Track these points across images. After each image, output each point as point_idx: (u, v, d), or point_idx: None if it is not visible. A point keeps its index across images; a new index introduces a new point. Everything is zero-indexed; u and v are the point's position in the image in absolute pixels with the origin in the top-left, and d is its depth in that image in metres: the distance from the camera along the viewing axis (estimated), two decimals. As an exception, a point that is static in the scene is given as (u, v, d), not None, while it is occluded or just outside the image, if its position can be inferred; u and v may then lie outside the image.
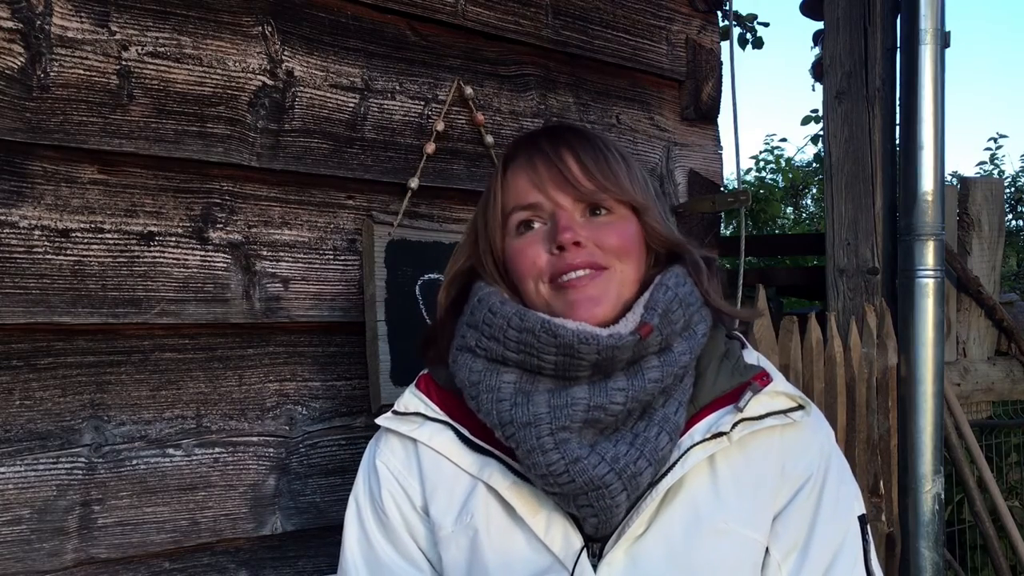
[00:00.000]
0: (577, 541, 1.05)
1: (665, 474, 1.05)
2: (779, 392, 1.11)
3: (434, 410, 1.16)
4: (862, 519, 1.13)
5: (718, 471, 1.08)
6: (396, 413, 1.18)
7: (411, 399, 1.18)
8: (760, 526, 1.07)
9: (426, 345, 1.23)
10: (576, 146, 1.12)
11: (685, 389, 1.09)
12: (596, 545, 1.05)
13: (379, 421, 1.19)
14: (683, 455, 1.06)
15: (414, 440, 1.16)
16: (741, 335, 1.21)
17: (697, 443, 1.06)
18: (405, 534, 1.15)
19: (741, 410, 1.07)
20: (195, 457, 1.47)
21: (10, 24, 1.30)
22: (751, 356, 1.17)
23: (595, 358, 1.03)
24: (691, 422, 1.09)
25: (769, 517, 1.09)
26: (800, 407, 1.11)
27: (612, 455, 1.02)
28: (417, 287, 1.68)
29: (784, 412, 1.10)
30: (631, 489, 1.02)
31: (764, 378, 1.11)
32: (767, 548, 1.08)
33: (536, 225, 1.12)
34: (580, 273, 1.09)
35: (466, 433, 1.13)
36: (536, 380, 1.07)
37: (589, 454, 1.02)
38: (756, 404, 1.08)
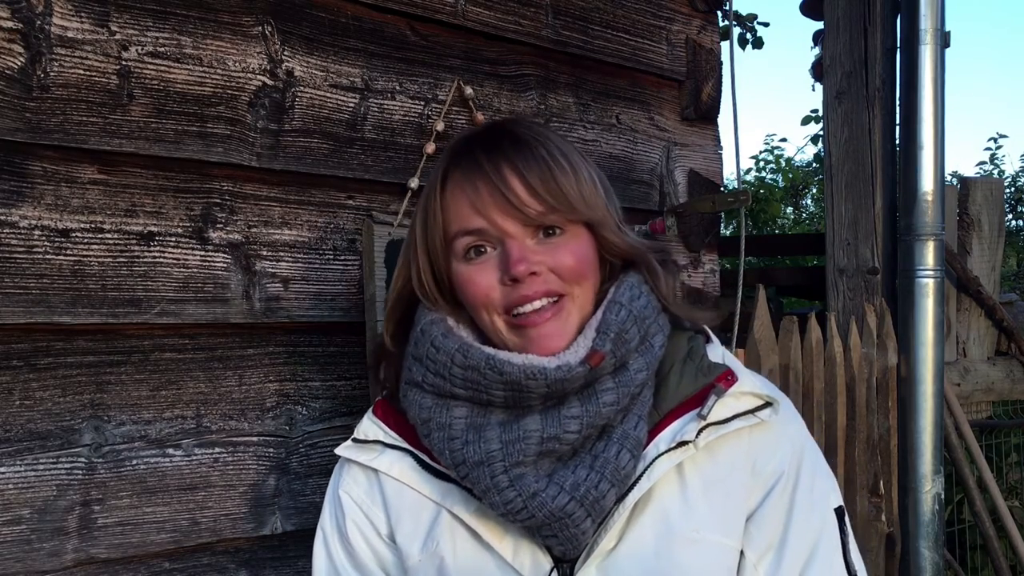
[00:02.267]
0: (547, 563, 1.03)
1: (632, 488, 1.02)
2: (745, 392, 1.07)
3: (393, 437, 1.13)
4: (839, 511, 1.10)
5: (687, 479, 1.05)
6: (356, 440, 1.15)
7: (369, 426, 1.15)
8: (732, 531, 1.05)
9: (375, 371, 1.20)
10: (518, 161, 1.04)
11: (644, 402, 1.05)
12: (566, 565, 1.03)
13: (339, 451, 1.16)
14: (649, 466, 1.03)
15: (375, 469, 1.13)
16: (706, 328, 1.16)
17: (663, 453, 1.03)
18: (373, 564, 1.14)
19: (705, 417, 1.03)
20: (195, 457, 1.47)
21: (10, 24, 1.30)
22: (716, 352, 1.12)
23: (544, 391, 1.00)
24: (655, 431, 1.05)
25: (742, 521, 1.06)
26: (768, 404, 1.07)
27: (571, 483, 0.99)
28: (417, 287, 1.68)
29: (751, 412, 1.06)
30: (595, 514, 1.00)
31: (729, 377, 1.07)
32: (742, 551, 1.05)
33: (486, 249, 1.06)
34: (537, 304, 1.04)
35: (427, 459, 1.10)
36: (488, 412, 1.04)
37: (547, 486, 0.99)
38: (721, 407, 1.05)
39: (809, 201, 10.74)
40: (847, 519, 1.12)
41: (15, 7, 1.30)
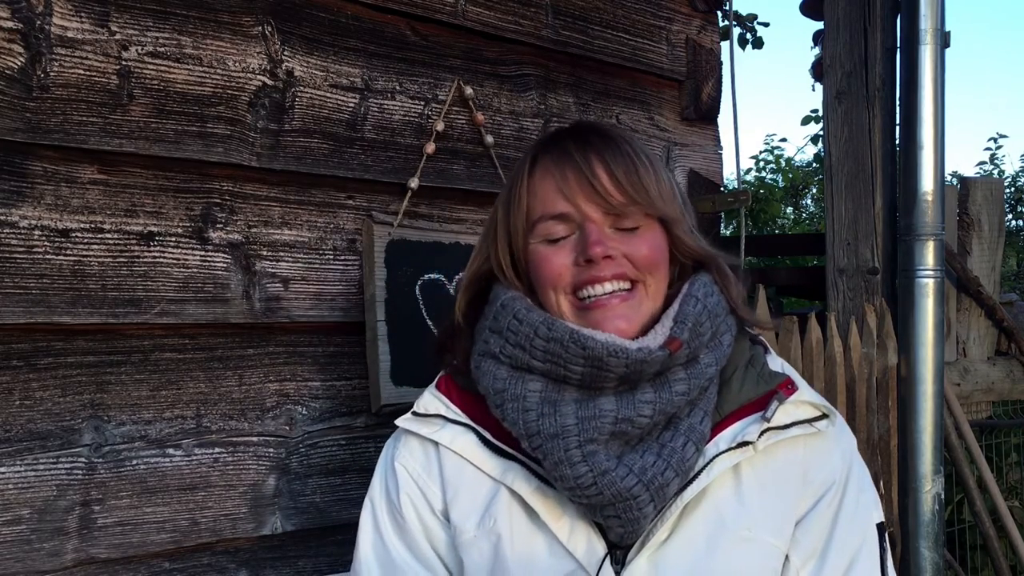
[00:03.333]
0: (600, 548, 1.05)
1: (690, 483, 1.04)
2: (804, 401, 1.10)
3: (456, 412, 1.14)
4: (880, 526, 1.13)
5: (743, 479, 1.07)
6: (416, 414, 1.16)
7: (431, 400, 1.16)
8: (782, 533, 1.07)
9: (441, 349, 1.21)
10: (605, 153, 1.09)
11: (710, 398, 1.08)
12: (619, 552, 1.05)
13: (399, 422, 1.17)
14: (708, 464, 1.05)
15: (435, 442, 1.14)
16: (765, 341, 1.21)
17: (722, 452, 1.06)
18: (422, 537, 1.14)
19: (768, 420, 1.06)
20: (195, 457, 1.47)
21: (10, 24, 1.30)
22: (775, 363, 1.16)
23: (623, 371, 1.02)
24: (716, 430, 1.08)
25: (791, 524, 1.08)
26: (824, 416, 1.11)
27: (640, 466, 1.01)
28: (417, 287, 1.68)
29: (809, 421, 1.10)
30: (659, 500, 1.02)
31: (790, 386, 1.10)
32: (787, 555, 1.08)
33: (565, 235, 1.10)
34: (609, 288, 1.07)
35: (489, 436, 1.12)
36: (562, 389, 1.05)
37: (617, 466, 1.01)
38: (782, 413, 1.08)
39: (809, 201, 10.74)
40: (887, 535, 1.15)
41: (15, 7, 1.30)
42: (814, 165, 10.13)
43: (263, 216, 1.55)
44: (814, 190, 10.29)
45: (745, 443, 1.06)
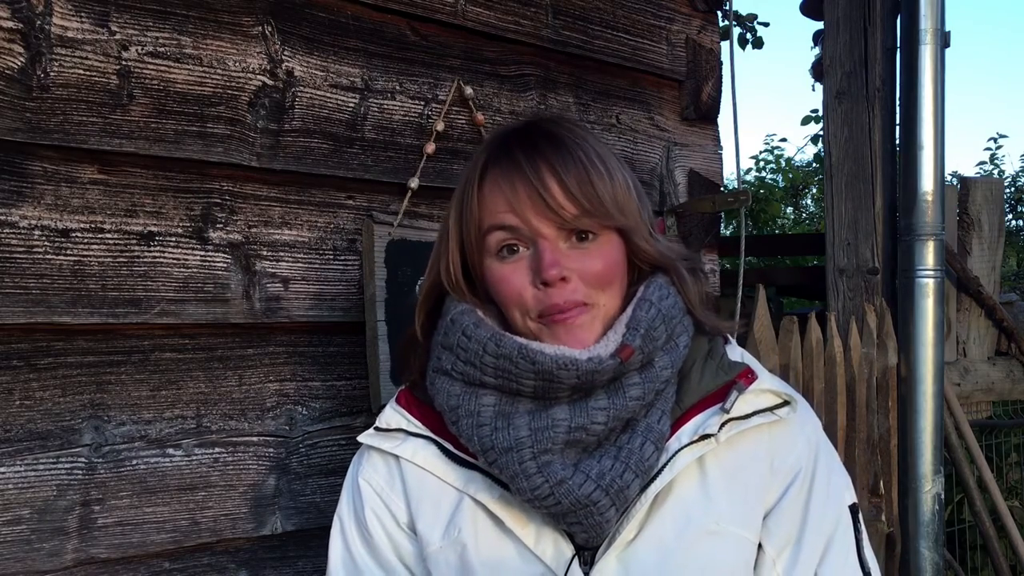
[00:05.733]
0: (568, 550, 1.05)
1: (654, 479, 1.04)
2: (764, 390, 1.10)
3: (416, 425, 1.14)
4: (853, 508, 1.13)
5: (707, 472, 1.07)
6: (378, 429, 1.16)
7: (392, 415, 1.16)
8: (751, 524, 1.07)
9: (403, 365, 1.21)
10: (556, 163, 1.05)
11: (668, 398, 1.08)
12: (587, 553, 1.05)
13: (361, 439, 1.17)
14: (671, 459, 1.05)
15: (397, 456, 1.14)
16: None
17: (684, 446, 1.05)
18: (390, 552, 1.14)
19: (727, 411, 1.06)
20: (195, 457, 1.47)
21: (10, 24, 1.30)
22: (735, 352, 1.15)
23: (575, 382, 1.02)
24: (677, 424, 1.08)
25: (760, 515, 1.08)
26: (786, 403, 1.10)
27: (597, 472, 1.01)
28: (417, 287, 1.68)
29: (770, 409, 1.09)
30: (619, 503, 1.01)
31: (749, 375, 1.09)
32: (760, 545, 1.07)
33: (518, 249, 1.07)
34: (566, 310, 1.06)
35: (450, 447, 1.11)
36: (516, 401, 1.05)
37: (573, 474, 1.00)
38: (742, 403, 1.07)
39: (809, 201, 10.75)
40: (861, 517, 1.14)
41: (15, 7, 1.30)
42: (814, 165, 10.13)
43: (263, 216, 1.55)
44: (814, 190, 10.29)
45: (707, 436, 1.06)
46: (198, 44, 1.47)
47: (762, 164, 9.90)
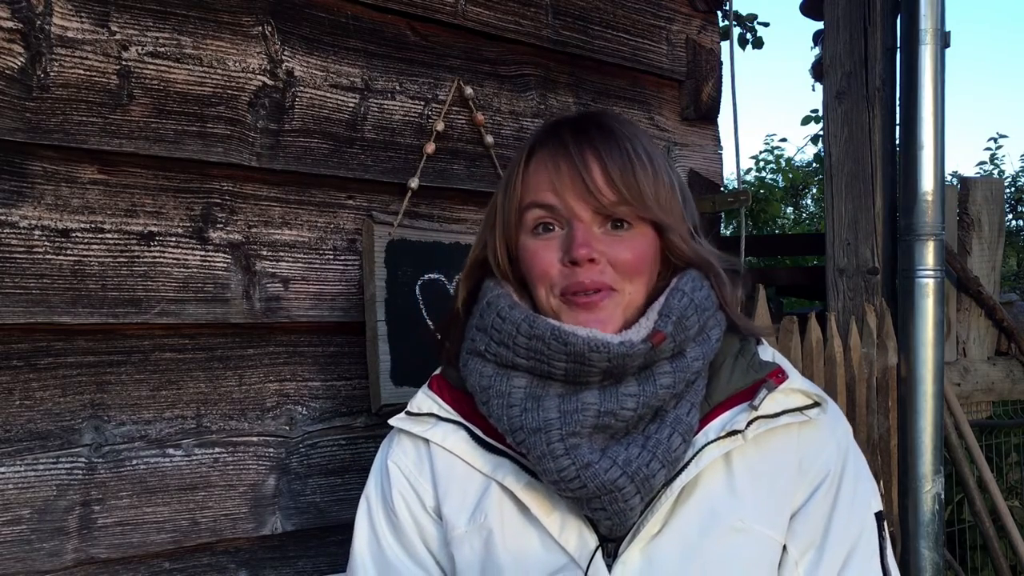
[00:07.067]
0: (592, 541, 1.05)
1: (679, 472, 1.04)
2: (795, 389, 1.10)
3: (447, 410, 1.15)
4: (879, 515, 1.13)
5: (734, 469, 1.07)
6: (409, 414, 1.17)
7: (424, 400, 1.17)
8: (777, 524, 1.07)
9: (441, 343, 1.22)
10: (602, 149, 1.07)
11: (697, 391, 1.08)
12: (611, 544, 1.05)
13: (392, 422, 1.18)
14: (697, 453, 1.05)
15: (426, 440, 1.15)
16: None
17: (712, 441, 1.06)
18: (415, 536, 1.15)
19: (756, 408, 1.06)
20: (195, 457, 1.47)
21: (10, 24, 1.30)
22: (766, 353, 1.16)
23: (606, 365, 1.02)
24: (706, 420, 1.08)
25: (787, 515, 1.08)
26: (816, 404, 1.10)
27: (624, 458, 1.01)
28: (417, 287, 1.68)
29: (800, 409, 1.09)
30: (644, 491, 1.02)
31: (779, 375, 1.10)
32: (785, 546, 1.07)
33: (553, 228, 1.09)
34: (590, 293, 1.07)
35: (479, 433, 1.12)
36: (547, 385, 1.06)
37: (600, 458, 1.01)
38: (771, 402, 1.07)
39: (809, 201, 10.75)
40: (885, 524, 1.14)
41: (15, 7, 1.30)
42: (814, 165, 10.13)
43: (263, 216, 1.55)
44: (814, 190, 10.29)
45: (734, 432, 1.06)
46: (198, 44, 1.47)
47: (762, 164, 9.90)
